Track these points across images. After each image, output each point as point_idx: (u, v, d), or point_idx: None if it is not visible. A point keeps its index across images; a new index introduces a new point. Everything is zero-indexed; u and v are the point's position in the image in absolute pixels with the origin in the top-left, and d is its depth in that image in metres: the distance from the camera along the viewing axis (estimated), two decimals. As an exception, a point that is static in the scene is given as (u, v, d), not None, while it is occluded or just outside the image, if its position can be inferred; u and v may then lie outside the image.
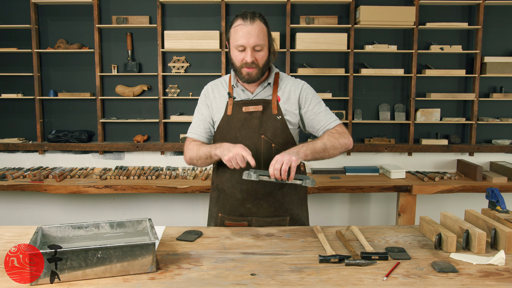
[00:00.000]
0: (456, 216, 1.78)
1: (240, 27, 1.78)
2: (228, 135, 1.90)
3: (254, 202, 1.94)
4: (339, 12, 3.66)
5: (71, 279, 1.35)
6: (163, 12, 3.65)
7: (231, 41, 1.83)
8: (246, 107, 1.90)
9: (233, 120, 1.90)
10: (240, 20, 1.80)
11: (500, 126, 3.80)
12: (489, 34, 3.70)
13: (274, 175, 1.66)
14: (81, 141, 3.66)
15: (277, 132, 1.89)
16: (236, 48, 1.81)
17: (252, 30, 1.78)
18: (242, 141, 1.87)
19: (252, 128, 1.88)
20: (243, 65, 1.81)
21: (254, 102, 1.90)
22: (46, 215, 3.82)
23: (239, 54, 1.81)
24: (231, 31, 1.82)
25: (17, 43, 3.68)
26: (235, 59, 1.84)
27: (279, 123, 1.89)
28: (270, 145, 1.89)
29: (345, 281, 1.37)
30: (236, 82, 1.93)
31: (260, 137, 1.88)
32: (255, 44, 1.78)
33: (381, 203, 3.87)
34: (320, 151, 1.82)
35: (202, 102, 2.00)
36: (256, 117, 1.89)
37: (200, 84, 3.70)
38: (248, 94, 1.92)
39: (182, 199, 3.82)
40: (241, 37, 1.78)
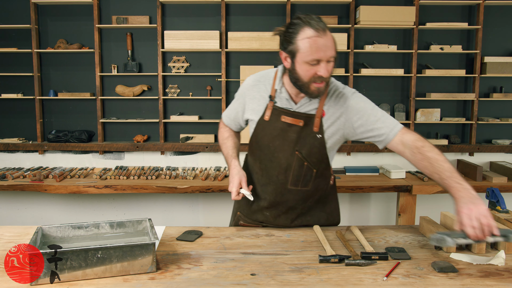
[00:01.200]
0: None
1: (315, 39, 1.55)
2: (262, 141, 1.80)
3: (273, 213, 1.88)
4: (339, 12, 3.66)
5: (71, 279, 1.35)
6: (163, 12, 3.65)
7: (300, 54, 1.58)
8: (285, 117, 1.74)
9: (269, 128, 1.77)
10: (311, 30, 1.55)
11: (500, 126, 3.80)
12: (489, 34, 3.69)
13: (476, 237, 1.43)
14: (81, 141, 3.66)
15: (313, 151, 1.75)
16: (308, 62, 1.58)
17: (328, 42, 1.57)
18: (274, 152, 1.78)
19: (287, 141, 1.75)
20: (315, 79, 1.61)
21: (296, 115, 1.73)
22: (46, 215, 3.82)
23: (310, 68, 1.59)
24: (301, 43, 1.56)
25: (17, 43, 3.68)
26: (304, 73, 1.61)
27: (317, 142, 1.74)
28: (302, 163, 1.76)
29: (345, 281, 1.37)
30: (281, 86, 1.75)
31: (294, 153, 1.75)
32: (331, 56, 1.59)
33: (381, 203, 3.87)
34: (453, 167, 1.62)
35: (239, 95, 1.92)
36: (294, 131, 1.74)
37: (200, 84, 3.72)
38: (292, 104, 1.75)
39: (182, 199, 3.82)
40: (318, 50, 1.55)
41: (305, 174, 1.78)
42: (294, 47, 1.59)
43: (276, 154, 1.78)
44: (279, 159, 1.77)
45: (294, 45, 1.59)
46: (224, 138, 2.00)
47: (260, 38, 3.56)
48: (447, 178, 1.55)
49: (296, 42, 1.58)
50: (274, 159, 1.79)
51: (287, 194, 1.81)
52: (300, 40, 1.57)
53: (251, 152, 1.89)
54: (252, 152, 1.87)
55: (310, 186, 1.82)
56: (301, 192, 1.82)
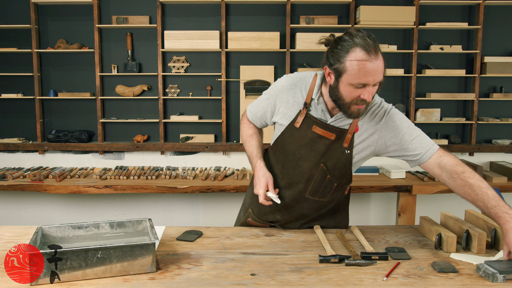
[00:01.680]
0: (456, 216, 1.78)
1: (365, 63, 1.47)
2: (288, 147, 1.75)
3: (285, 216, 1.85)
4: (339, 12, 3.66)
5: (71, 279, 1.35)
6: (163, 12, 3.65)
7: (347, 76, 1.51)
8: (316, 128, 1.69)
9: (299, 135, 1.71)
10: (363, 52, 1.48)
11: (500, 126, 3.80)
12: (489, 34, 3.69)
13: None
14: (81, 141, 3.66)
15: (338, 165, 1.71)
16: (352, 84, 1.51)
17: (378, 67, 1.49)
18: (299, 160, 1.73)
19: (314, 152, 1.70)
20: (356, 102, 1.55)
21: (329, 128, 1.68)
22: (46, 215, 3.82)
23: (354, 90, 1.53)
24: (349, 64, 1.49)
25: (17, 43, 3.68)
26: (346, 94, 1.55)
27: (344, 157, 1.70)
28: (325, 175, 1.72)
29: (345, 281, 1.37)
30: (319, 96, 1.69)
31: (319, 165, 1.71)
32: (378, 82, 1.53)
33: (381, 203, 3.87)
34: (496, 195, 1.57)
35: (268, 97, 1.81)
36: (324, 143, 1.69)
37: (200, 84, 3.72)
38: (327, 116, 1.69)
39: (182, 199, 3.82)
40: (367, 75, 1.49)
41: (326, 186, 1.75)
42: (342, 66, 1.52)
43: (300, 163, 1.74)
44: (302, 168, 1.73)
45: (342, 64, 1.52)
46: (248, 135, 1.89)
47: (260, 38, 3.56)
48: (493, 207, 1.49)
49: (345, 61, 1.51)
50: (297, 167, 1.75)
51: (303, 202, 1.79)
52: (349, 61, 1.50)
53: (273, 153, 1.84)
54: (275, 154, 1.82)
55: (327, 198, 1.80)
56: (317, 202, 1.81)
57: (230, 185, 3.23)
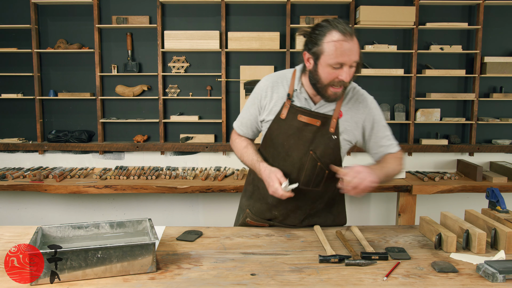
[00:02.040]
0: (456, 216, 1.78)
1: (341, 42, 1.57)
2: (277, 139, 1.79)
3: (282, 212, 1.88)
4: (339, 12, 3.66)
5: (71, 279, 1.35)
6: (163, 12, 3.65)
7: (325, 57, 1.60)
8: (302, 116, 1.75)
9: (285, 126, 1.77)
10: (338, 34, 1.57)
11: (500, 126, 3.80)
12: (489, 34, 3.69)
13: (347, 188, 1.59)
14: (81, 141, 3.66)
15: (327, 152, 1.76)
16: (331, 65, 1.60)
17: (354, 47, 1.59)
18: (288, 151, 1.78)
19: (302, 141, 1.76)
20: (334, 83, 1.64)
21: (314, 115, 1.74)
22: (46, 215, 3.82)
23: (332, 71, 1.61)
24: (326, 45, 1.58)
25: (17, 43, 3.68)
26: (325, 76, 1.63)
27: (332, 143, 1.76)
28: (316, 163, 1.77)
29: (345, 281, 1.37)
30: (301, 86, 1.77)
31: (308, 153, 1.76)
32: (355, 61, 1.61)
33: (381, 203, 3.87)
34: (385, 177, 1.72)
35: (253, 100, 1.86)
36: (310, 130, 1.75)
37: (200, 84, 3.72)
38: (311, 104, 1.76)
39: (182, 199, 3.82)
40: (343, 54, 1.57)
41: (317, 174, 1.78)
42: (319, 49, 1.60)
43: (290, 153, 1.78)
44: (292, 158, 1.77)
45: (319, 47, 1.60)
46: (242, 147, 1.90)
47: (260, 38, 3.56)
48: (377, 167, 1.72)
49: (322, 44, 1.60)
50: (287, 157, 1.78)
51: (297, 194, 1.79)
52: (326, 43, 1.59)
53: (263, 149, 1.87)
54: (265, 149, 1.86)
55: (321, 187, 1.83)
56: (311, 193, 1.83)
57: (230, 185, 3.23)
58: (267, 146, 1.85)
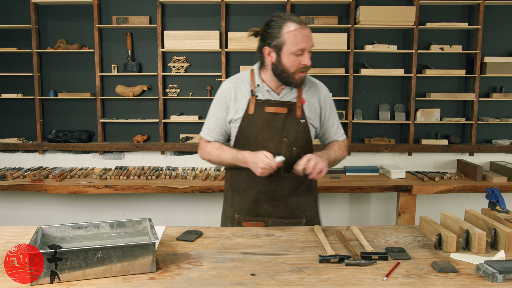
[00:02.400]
0: (456, 216, 1.78)
1: (299, 31, 1.74)
2: (250, 134, 1.88)
3: (271, 203, 1.94)
4: (339, 12, 3.66)
5: (71, 279, 1.35)
6: (163, 12, 3.65)
7: (287, 46, 1.74)
8: (268, 108, 1.86)
9: (255, 120, 1.87)
10: (294, 24, 1.74)
11: (500, 126, 3.80)
12: (489, 34, 3.69)
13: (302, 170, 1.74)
14: (81, 141, 3.66)
15: (299, 136, 1.88)
16: (293, 53, 1.75)
17: (310, 33, 1.77)
18: (263, 142, 1.86)
19: (274, 130, 1.87)
20: (300, 69, 1.78)
21: (279, 104, 1.87)
22: (46, 215, 3.82)
23: (295, 59, 1.76)
24: (286, 36, 1.74)
25: (17, 43, 3.68)
26: (290, 64, 1.77)
27: (302, 127, 1.89)
28: (291, 148, 1.87)
29: (345, 281, 1.37)
30: (261, 81, 1.90)
31: (282, 140, 1.87)
32: (312, 46, 1.78)
33: (381, 203, 3.87)
34: (331, 162, 1.91)
35: (218, 103, 1.95)
36: (279, 119, 1.87)
37: (200, 84, 3.72)
38: (274, 95, 1.89)
39: (182, 199, 3.82)
40: (302, 41, 1.73)
41: (295, 159, 1.85)
42: (280, 40, 1.75)
43: (265, 144, 1.87)
44: (268, 148, 1.85)
45: (279, 39, 1.75)
46: (216, 149, 1.94)
47: (260, 38, 3.56)
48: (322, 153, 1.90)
49: (282, 35, 1.74)
50: (264, 148, 1.85)
51: (281, 182, 1.91)
52: (285, 34, 1.74)
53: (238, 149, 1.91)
54: (239, 148, 1.91)
55: None
56: (293, 179, 1.92)
57: (230, 185, 3.23)
58: (240, 145, 1.92)
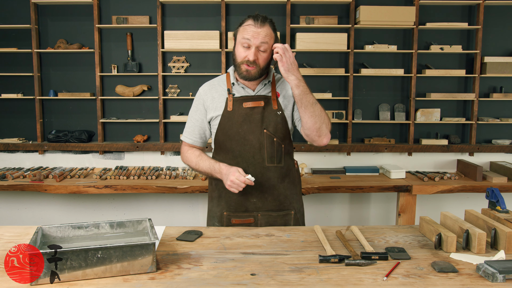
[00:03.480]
0: (456, 216, 1.78)
1: (249, 26, 1.89)
2: (230, 130, 1.96)
3: (259, 196, 1.99)
4: (339, 12, 3.66)
5: (71, 279, 1.35)
6: (163, 12, 3.65)
7: (238, 37, 1.93)
8: (246, 103, 1.96)
9: (234, 116, 1.96)
10: (251, 20, 1.90)
11: (500, 126, 3.80)
12: (489, 34, 3.69)
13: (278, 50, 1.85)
14: (81, 141, 3.66)
15: (278, 127, 1.97)
16: (241, 44, 1.90)
17: (261, 32, 1.87)
18: (245, 135, 1.95)
19: (254, 123, 1.96)
20: (244, 62, 1.91)
21: (255, 98, 1.98)
22: (46, 215, 3.82)
23: (243, 51, 1.91)
24: (240, 28, 1.92)
25: (17, 43, 3.68)
26: (238, 54, 1.93)
27: (279, 118, 1.98)
28: (272, 139, 1.97)
29: (345, 281, 1.37)
30: (236, 80, 2.02)
31: (263, 132, 1.96)
32: (260, 44, 1.88)
33: (381, 203, 3.87)
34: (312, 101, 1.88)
35: (196, 106, 2.07)
36: (257, 112, 1.96)
37: (200, 84, 3.66)
38: (249, 91, 2.00)
39: (182, 199, 3.82)
40: (248, 35, 1.87)
41: (277, 149, 1.98)
42: (236, 31, 1.95)
43: (247, 137, 1.95)
44: (250, 140, 1.95)
45: (237, 30, 1.95)
46: (196, 156, 2.05)
47: (260, 38, 3.56)
48: None
49: (239, 28, 1.94)
50: (246, 142, 1.96)
51: (266, 173, 1.98)
52: (241, 26, 1.93)
53: (219, 149, 2.03)
54: (220, 147, 2.02)
55: (283, 163, 2.01)
56: (277, 169, 1.99)
57: (230, 185, 3.23)
58: (221, 143, 2.00)
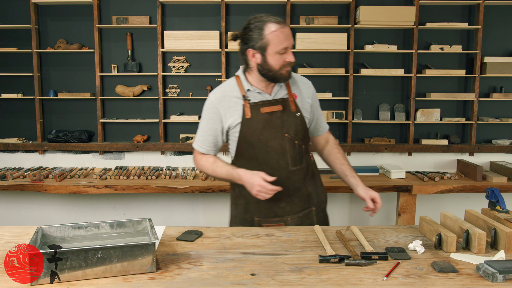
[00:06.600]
0: (456, 216, 1.78)
1: (280, 30, 1.80)
2: (252, 138, 1.90)
3: (287, 200, 1.97)
4: (339, 12, 3.66)
5: (71, 279, 1.35)
6: (163, 12, 3.65)
7: (271, 47, 1.80)
8: (264, 108, 1.90)
9: (254, 123, 1.89)
10: (275, 24, 1.80)
11: (500, 126, 3.80)
12: (489, 34, 3.69)
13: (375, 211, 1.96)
14: (81, 141, 3.66)
15: (298, 129, 1.94)
16: (278, 52, 1.80)
17: (289, 31, 1.84)
18: (267, 142, 1.89)
19: (275, 128, 1.90)
20: (285, 65, 1.84)
21: (273, 102, 1.92)
22: (46, 215, 3.82)
23: (280, 57, 1.82)
24: (269, 36, 1.79)
25: (17, 43, 3.68)
26: (275, 62, 1.82)
27: (299, 120, 1.94)
28: (293, 142, 1.93)
29: (345, 281, 1.37)
30: (250, 85, 1.92)
31: (284, 136, 1.91)
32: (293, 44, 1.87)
33: (381, 203, 3.86)
34: None
35: (208, 115, 1.95)
36: (277, 117, 1.91)
37: (200, 84, 3.72)
38: (266, 95, 1.92)
39: (182, 199, 3.82)
40: (285, 40, 1.80)
41: (299, 152, 1.95)
42: (264, 41, 1.79)
43: (269, 143, 1.90)
44: (273, 146, 1.90)
45: (263, 40, 1.79)
46: (211, 163, 1.97)
47: (260, 38, 3.55)
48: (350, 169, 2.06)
49: (265, 36, 1.79)
50: (269, 148, 1.90)
51: (292, 176, 1.95)
52: (268, 35, 1.79)
53: (240, 157, 1.95)
54: (242, 155, 1.94)
55: (304, 163, 1.98)
56: (300, 171, 1.97)
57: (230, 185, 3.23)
58: (243, 151, 1.93)
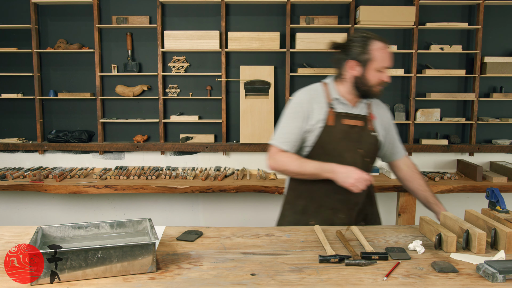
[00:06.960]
0: (456, 216, 1.78)
1: (385, 50, 1.88)
2: (328, 145, 1.92)
3: (347, 213, 1.98)
4: (339, 12, 3.66)
5: (71, 279, 1.35)
6: (163, 12, 3.65)
7: (373, 62, 1.86)
8: (346, 120, 1.94)
9: (334, 131, 1.92)
10: (381, 43, 1.88)
11: (500, 126, 3.80)
12: (489, 34, 3.69)
13: None
14: (81, 141, 3.66)
15: (370, 148, 1.98)
16: (377, 69, 1.87)
17: (390, 54, 1.91)
18: (341, 154, 1.92)
19: (351, 142, 1.94)
20: (380, 84, 1.90)
21: (356, 117, 1.96)
22: (46, 215, 3.82)
23: (377, 74, 1.87)
24: (374, 53, 1.86)
25: (17, 43, 3.68)
26: (373, 78, 1.88)
27: (373, 140, 1.99)
28: (363, 159, 1.97)
29: (345, 281, 1.37)
30: (338, 95, 1.96)
31: (357, 151, 1.95)
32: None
33: (381, 203, 3.86)
34: None
35: (296, 113, 1.93)
36: (355, 131, 1.95)
37: (200, 84, 3.72)
38: (349, 108, 1.97)
39: (182, 199, 3.82)
40: (388, 60, 1.89)
41: (367, 169, 1.96)
42: (368, 56, 1.86)
43: (343, 155, 1.93)
44: (346, 158, 1.92)
45: (367, 55, 1.86)
46: (295, 159, 1.91)
47: (260, 38, 3.56)
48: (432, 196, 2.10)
49: (370, 52, 1.86)
50: (342, 159, 1.91)
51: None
52: (374, 51, 1.86)
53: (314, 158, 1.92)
54: (316, 157, 1.92)
55: None
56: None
57: (230, 185, 3.23)
58: (317, 154, 1.93)
